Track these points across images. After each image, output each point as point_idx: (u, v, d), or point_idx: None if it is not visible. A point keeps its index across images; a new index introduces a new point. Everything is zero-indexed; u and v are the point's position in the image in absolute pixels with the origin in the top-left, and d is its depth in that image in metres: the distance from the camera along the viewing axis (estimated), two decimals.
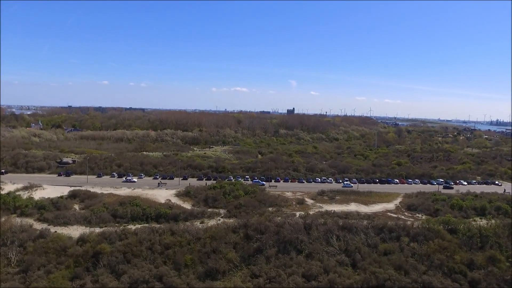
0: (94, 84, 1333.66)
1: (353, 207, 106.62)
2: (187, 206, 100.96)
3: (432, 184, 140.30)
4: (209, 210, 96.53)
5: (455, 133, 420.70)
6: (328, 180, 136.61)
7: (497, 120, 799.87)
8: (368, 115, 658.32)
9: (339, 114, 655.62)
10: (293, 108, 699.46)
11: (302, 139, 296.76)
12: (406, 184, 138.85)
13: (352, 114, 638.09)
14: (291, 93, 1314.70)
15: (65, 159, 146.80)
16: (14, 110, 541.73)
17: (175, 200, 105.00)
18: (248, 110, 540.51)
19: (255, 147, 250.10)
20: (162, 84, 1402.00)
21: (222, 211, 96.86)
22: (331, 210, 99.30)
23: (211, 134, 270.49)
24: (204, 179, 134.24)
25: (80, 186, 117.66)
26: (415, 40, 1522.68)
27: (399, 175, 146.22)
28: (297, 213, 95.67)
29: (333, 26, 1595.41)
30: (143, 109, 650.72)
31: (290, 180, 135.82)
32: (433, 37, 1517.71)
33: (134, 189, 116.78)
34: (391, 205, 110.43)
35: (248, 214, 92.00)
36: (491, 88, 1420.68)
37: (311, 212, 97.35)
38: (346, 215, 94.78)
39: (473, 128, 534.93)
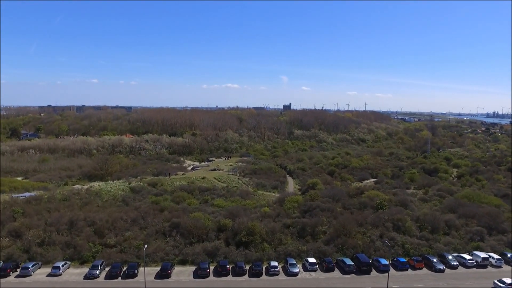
0: (83, 83, 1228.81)
1: None
2: None
3: None
4: None
5: (483, 129, 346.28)
6: (493, 260, 56.65)
7: (494, 112, 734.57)
8: (362, 109, 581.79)
9: (332, 108, 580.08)
10: (290, 104, 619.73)
11: (324, 141, 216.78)
12: None
13: (346, 109, 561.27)
14: (282, 89, 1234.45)
15: None
16: None
17: None
18: (246, 107, 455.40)
19: (269, 156, 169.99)
20: (152, 82, 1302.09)
21: None
22: None
23: (208, 139, 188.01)
24: (211, 271, 53.24)
25: None
26: (405, 36, 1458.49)
27: None
28: None
29: (324, 23, 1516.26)
30: (130, 107, 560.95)
31: (408, 264, 55.58)
32: (423, 32, 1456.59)
33: None
34: None
35: None
36: (482, 81, 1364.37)
37: None
38: None
39: (490, 122, 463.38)
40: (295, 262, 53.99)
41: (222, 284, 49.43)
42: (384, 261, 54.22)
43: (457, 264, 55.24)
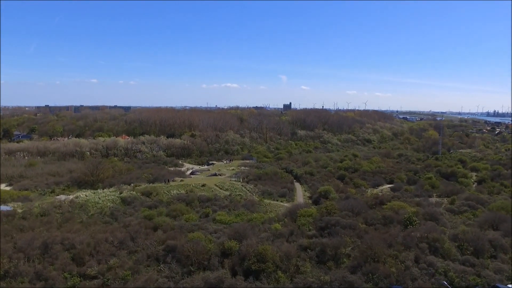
0: (83, 83, 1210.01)
1: None
2: None
3: None
4: None
5: (488, 128, 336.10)
6: None
7: (495, 111, 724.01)
8: (362, 108, 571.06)
9: (332, 108, 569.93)
10: (290, 103, 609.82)
11: (328, 142, 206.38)
12: None
13: (346, 108, 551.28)
14: (282, 88, 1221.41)
15: None
16: None
17: None
18: (246, 106, 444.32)
19: (273, 159, 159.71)
20: (151, 82, 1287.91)
21: None
22: None
23: (208, 140, 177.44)
24: None
25: None
26: (405, 35, 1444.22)
27: None
28: None
29: (323, 22, 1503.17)
30: (128, 107, 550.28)
31: None
32: (423, 32, 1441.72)
33: None
34: None
35: None
36: (481, 80, 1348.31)
37: None
38: None
39: (494, 121, 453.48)
40: None
41: None
42: None
43: None
